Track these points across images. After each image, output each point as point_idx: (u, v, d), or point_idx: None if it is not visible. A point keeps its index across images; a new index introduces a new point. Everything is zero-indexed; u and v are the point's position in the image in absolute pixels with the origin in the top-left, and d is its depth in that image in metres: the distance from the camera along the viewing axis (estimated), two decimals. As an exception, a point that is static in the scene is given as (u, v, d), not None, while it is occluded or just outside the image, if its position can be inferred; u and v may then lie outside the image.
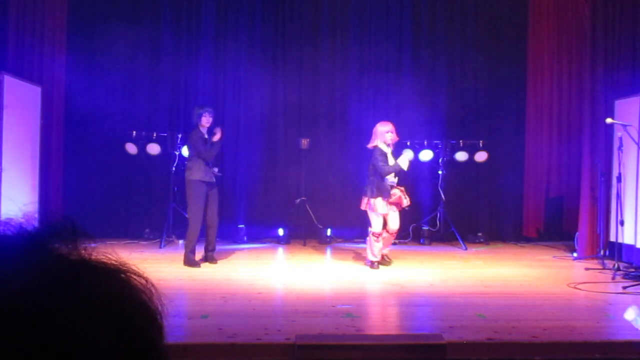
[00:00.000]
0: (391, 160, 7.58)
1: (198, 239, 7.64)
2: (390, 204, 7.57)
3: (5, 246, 0.58)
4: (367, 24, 10.46)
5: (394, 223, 7.67)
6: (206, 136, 7.65)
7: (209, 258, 7.83)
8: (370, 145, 7.68)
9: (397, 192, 7.59)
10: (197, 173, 7.53)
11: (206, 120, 7.64)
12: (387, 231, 7.69)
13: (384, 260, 7.75)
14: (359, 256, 8.67)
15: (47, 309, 0.53)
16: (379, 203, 7.47)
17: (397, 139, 7.76)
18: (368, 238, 7.67)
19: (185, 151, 8.92)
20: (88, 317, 0.54)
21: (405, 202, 7.69)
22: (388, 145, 7.59)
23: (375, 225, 7.56)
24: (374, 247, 7.58)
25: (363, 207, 7.67)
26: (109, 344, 0.55)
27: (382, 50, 10.42)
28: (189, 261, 7.52)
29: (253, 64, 10.24)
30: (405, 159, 7.60)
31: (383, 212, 7.53)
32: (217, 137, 7.69)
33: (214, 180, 7.67)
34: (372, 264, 7.60)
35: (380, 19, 10.47)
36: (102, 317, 0.55)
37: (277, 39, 10.39)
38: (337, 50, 10.45)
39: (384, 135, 7.56)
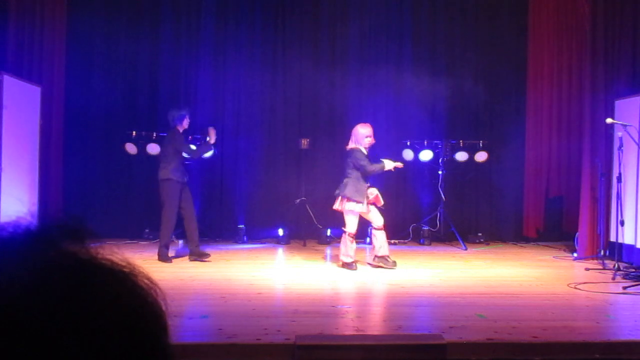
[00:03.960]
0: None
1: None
2: (369, 203, 7.53)
3: (15, 245, 0.58)
4: (367, 24, 10.46)
5: (378, 219, 7.61)
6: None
7: (196, 253, 7.87)
8: (349, 147, 7.58)
9: (374, 191, 7.54)
10: (174, 173, 7.70)
11: (187, 122, 7.93)
12: (375, 228, 7.66)
13: (387, 261, 7.64)
14: (359, 256, 8.67)
15: (56, 307, 0.53)
16: (358, 205, 7.42)
17: (373, 142, 7.63)
18: (343, 239, 7.59)
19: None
20: (96, 316, 0.55)
21: (381, 201, 7.62)
22: (366, 149, 7.53)
23: (351, 225, 7.50)
24: (349, 248, 7.50)
25: (337, 207, 7.56)
26: (117, 342, 0.55)
27: (382, 50, 10.42)
28: (163, 256, 7.70)
29: (253, 64, 10.24)
30: (391, 163, 7.53)
31: (362, 211, 7.47)
32: (213, 138, 7.99)
33: (186, 179, 7.89)
34: (349, 265, 7.53)
35: (381, 19, 10.46)
36: (110, 316, 0.56)
37: (277, 39, 10.39)
38: (337, 50, 10.45)
39: (363, 139, 7.49)
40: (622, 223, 7.62)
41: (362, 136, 7.50)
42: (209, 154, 9.37)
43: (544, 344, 4.49)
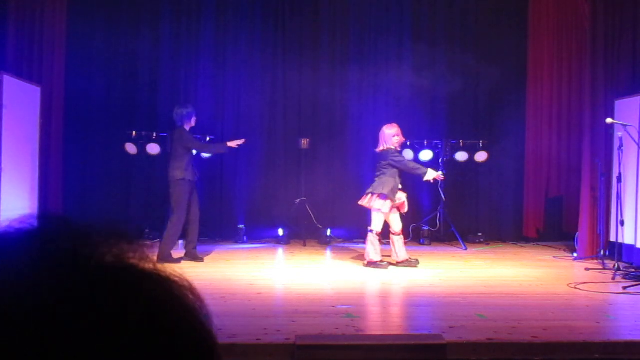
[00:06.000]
0: None
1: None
2: (393, 206, 7.58)
3: (45, 249, 0.53)
4: (367, 24, 10.46)
5: (398, 224, 7.71)
6: None
7: (192, 255, 7.85)
8: (379, 149, 7.68)
9: (402, 197, 7.64)
10: (185, 172, 7.66)
11: (194, 120, 7.87)
12: (393, 234, 7.70)
13: (410, 262, 7.70)
14: (359, 256, 8.67)
15: (94, 314, 0.49)
16: (385, 203, 7.48)
17: (403, 140, 7.84)
18: (368, 238, 7.65)
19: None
20: (143, 329, 0.51)
21: (406, 208, 7.76)
22: (395, 148, 7.65)
23: (377, 224, 7.55)
24: (376, 246, 7.57)
25: (364, 203, 7.62)
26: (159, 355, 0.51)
27: (382, 49, 10.42)
28: (166, 257, 7.54)
29: (253, 64, 10.25)
30: (432, 174, 7.65)
31: (386, 212, 7.53)
32: (234, 144, 7.98)
33: (197, 179, 7.87)
34: (375, 264, 7.58)
35: (381, 19, 10.46)
36: (156, 332, 0.52)
37: (277, 39, 10.39)
38: (337, 50, 10.45)
39: (391, 138, 7.60)
40: (622, 223, 7.62)
41: (390, 136, 7.60)
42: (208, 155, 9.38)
43: (544, 344, 4.49)
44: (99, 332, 0.49)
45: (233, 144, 7.99)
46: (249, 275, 7.07)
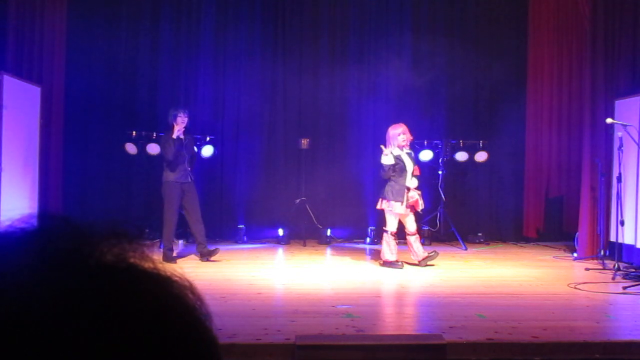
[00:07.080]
0: (408, 163, 7.62)
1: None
2: (407, 206, 7.60)
3: (45, 248, 0.52)
4: (367, 24, 10.46)
5: (412, 225, 7.73)
6: (181, 136, 7.86)
7: (205, 253, 7.93)
8: None
9: (414, 195, 7.62)
10: (170, 174, 7.76)
11: (181, 120, 7.86)
12: (408, 234, 7.71)
13: (430, 256, 7.72)
14: (359, 256, 8.68)
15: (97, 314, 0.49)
16: (396, 205, 7.52)
17: (411, 138, 7.85)
18: (383, 238, 7.68)
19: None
20: (143, 328, 0.51)
21: (421, 205, 7.74)
22: (401, 147, 7.64)
23: (391, 224, 7.60)
24: (392, 246, 7.60)
25: (379, 206, 7.74)
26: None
27: (382, 49, 10.41)
28: (167, 258, 7.62)
29: (253, 64, 10.24)
30: (384, 155, 7.61)
31: (400, 212, 7.57)
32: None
33: (190, 180, 7.86)
34: (392, 264, 7.59)
35: (381, 19, 10.46)
36: (157, 331, 0.51)
37: (277, 39, 10.39)
38: (337, 50, 10.45)
39: (396, 138, 7.62)
40: (622, 223, 7.62)
41: (395, 136, 7.65)
42: (210, 153, 9.39)
43: (544, 344, 4.49)
44: (99, 332, 0.48)
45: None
46: (249, 275, 7.08)
